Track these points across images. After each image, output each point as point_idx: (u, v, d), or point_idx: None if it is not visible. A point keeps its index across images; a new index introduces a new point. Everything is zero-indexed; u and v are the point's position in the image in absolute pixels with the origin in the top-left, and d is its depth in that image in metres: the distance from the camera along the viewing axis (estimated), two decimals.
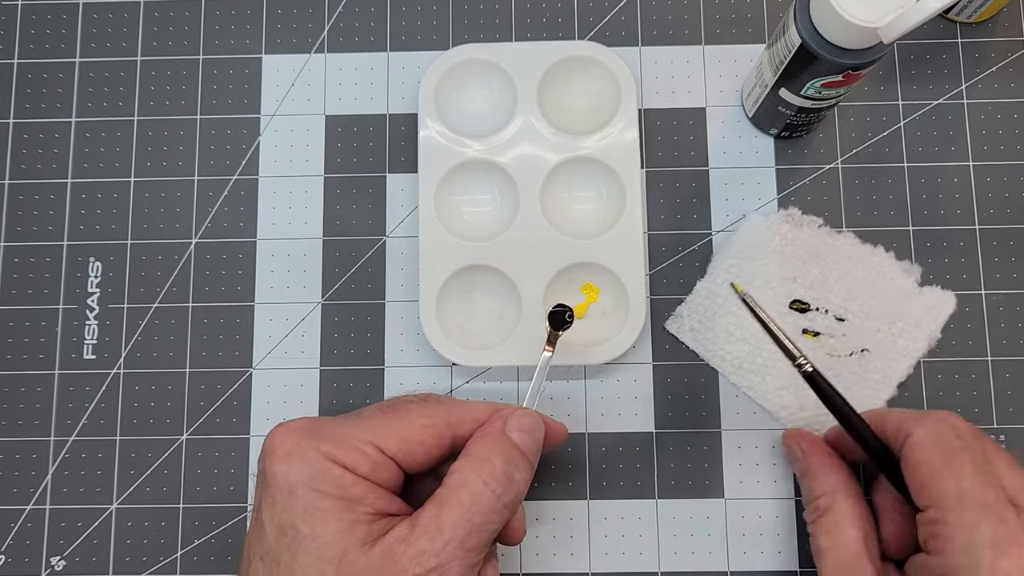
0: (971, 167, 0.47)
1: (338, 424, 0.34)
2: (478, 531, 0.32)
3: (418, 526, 0.32)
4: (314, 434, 0.33)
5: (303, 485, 0.32)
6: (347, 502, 0.32)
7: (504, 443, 0.34)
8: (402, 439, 0.34)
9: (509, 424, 0.35)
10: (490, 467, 0.33)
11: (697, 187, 0.47)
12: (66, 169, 0.48)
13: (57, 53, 0.49)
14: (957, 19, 0.48)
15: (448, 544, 0.31)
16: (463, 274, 0.45)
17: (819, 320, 0.44)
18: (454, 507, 0.32)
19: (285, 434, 0.33)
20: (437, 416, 0.35)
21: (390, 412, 0.35)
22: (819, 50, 0.37)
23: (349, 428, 0.33)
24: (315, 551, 0.31)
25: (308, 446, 0.32)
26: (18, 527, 0.45)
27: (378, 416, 0.34)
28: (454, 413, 0.35)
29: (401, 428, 0.34)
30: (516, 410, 0.36)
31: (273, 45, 0.49)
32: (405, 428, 0.34)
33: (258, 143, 0.48)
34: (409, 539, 0.31)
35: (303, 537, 0.31)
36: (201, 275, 0.47)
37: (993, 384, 0.45)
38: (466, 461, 0.34)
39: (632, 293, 0.44)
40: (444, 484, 0.33)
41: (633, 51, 0.48)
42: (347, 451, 0.32)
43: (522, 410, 0.36)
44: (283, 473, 0.32)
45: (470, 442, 0.35)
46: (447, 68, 0.46)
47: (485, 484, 0.33)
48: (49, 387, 0.46)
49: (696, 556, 0.44)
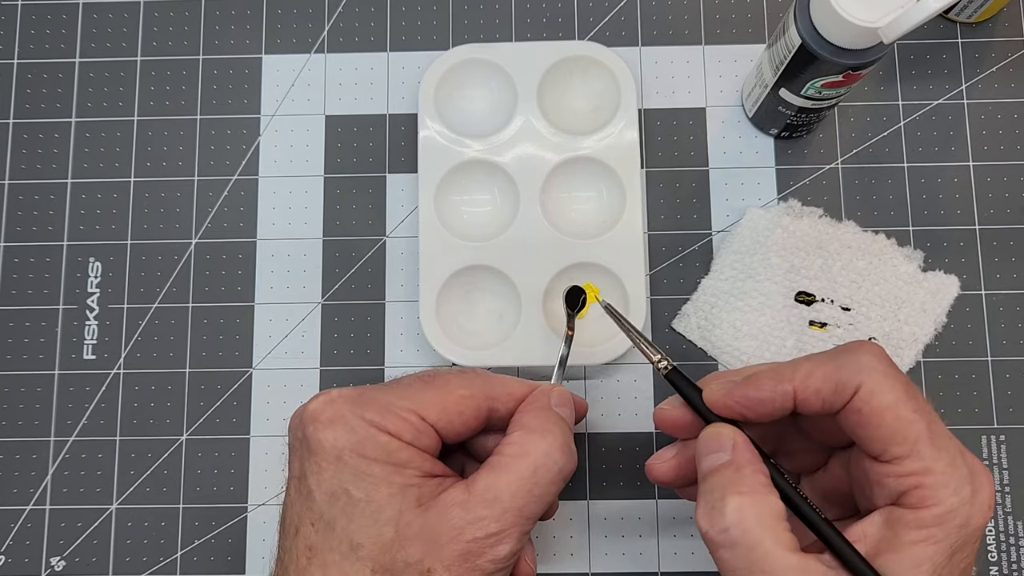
0: (971, 167, 0.47)
1: (379, 392, 0.34)
2: (536, 501, 0.33)
3: (474, 492, 0.32)
4: (356, 401, 0.33)
5: (350, 451, 0.32)
6: (395, 466, 0.32)
7: (558, 417, 0.35)
8: (442, 409, 0.34)
9: (552, 399, 0.36)
10: (552, 438, 0.34)
11: (697, 187, 0.47)
12: (66, 169, 0.48)
13: (57, 53, 0.49)
14: (957, 19, 0.48)
15: (507, 511, 0.32)
16: (463, 274, 0.45)
17: (825, 311, 0.44)
18: (513, 476, 0.32)
19: (327, 401, 0.33)
20: (476, 388, 0.35)
21: (430, 382, 0.35)
22: (819, 50, 0.37)
23: (391, 396, 0.34)
24: (371, 514, 0.31)
25: (351, 413, 0.32)
26: (18, 527, 0.45)
27: (418, 385, 0.35)
28: (492, 387, 0.36)
29: (441, 398, 0.34)
30: (555, 387, 0.37)
31: (273, 45, 0.49)
32: (445, 398, 0.34)
33: (258, 143, 0.48)
34: (467, 504, 0.32)
35: (357, 501, 0.32)
36: (201, 275, 0.47)
37: (993, 384, 0.45)
38: (524, 433, 0.34)
39: (632, 293, 0.44)
40: (501, 453, 0.33)
41: (633, 51, 0.48)
42: (390, 418, 0.33)
43: (558, 387, 0.37)
44: (330, 440, 0.32)
45: (523, 415, 0.35)
46: (447, 68, 0.46)
47: (547, 455, 0.33)
48: (49, 387, 0.46)
49: (696, 556, 0.44)
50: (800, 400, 0.32)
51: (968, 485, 0.30)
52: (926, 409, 0.31)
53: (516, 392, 0.36)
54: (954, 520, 0.30)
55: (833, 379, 0.31)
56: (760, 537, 0.30)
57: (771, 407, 0.32)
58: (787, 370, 0.32)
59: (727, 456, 0.32)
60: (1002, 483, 0.44)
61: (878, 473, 0.31)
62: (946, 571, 0.30)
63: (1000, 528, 0.44)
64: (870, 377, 0.31)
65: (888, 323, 0.44)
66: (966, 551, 0.30)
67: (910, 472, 0.30)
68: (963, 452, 0.31)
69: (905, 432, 0.30)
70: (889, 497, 0.31)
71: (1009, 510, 0.44)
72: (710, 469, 0.32)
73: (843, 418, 0.32)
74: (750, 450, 0.32)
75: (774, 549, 0.30)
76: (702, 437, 0.33)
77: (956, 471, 0.30)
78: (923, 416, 0.31)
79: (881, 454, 0.31)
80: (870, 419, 0.31)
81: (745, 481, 0.31)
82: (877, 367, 0.31)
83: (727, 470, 0.32)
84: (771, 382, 0.32)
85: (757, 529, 0.30)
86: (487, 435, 0.37)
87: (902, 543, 0.30)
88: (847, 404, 0.31)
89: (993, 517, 0.44)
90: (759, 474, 0.31)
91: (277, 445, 0.46)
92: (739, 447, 0.32)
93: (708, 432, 0.33)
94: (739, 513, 0.30)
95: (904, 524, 0.30)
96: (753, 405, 0.32)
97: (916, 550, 0.30)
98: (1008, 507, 0.44)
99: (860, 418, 0.31)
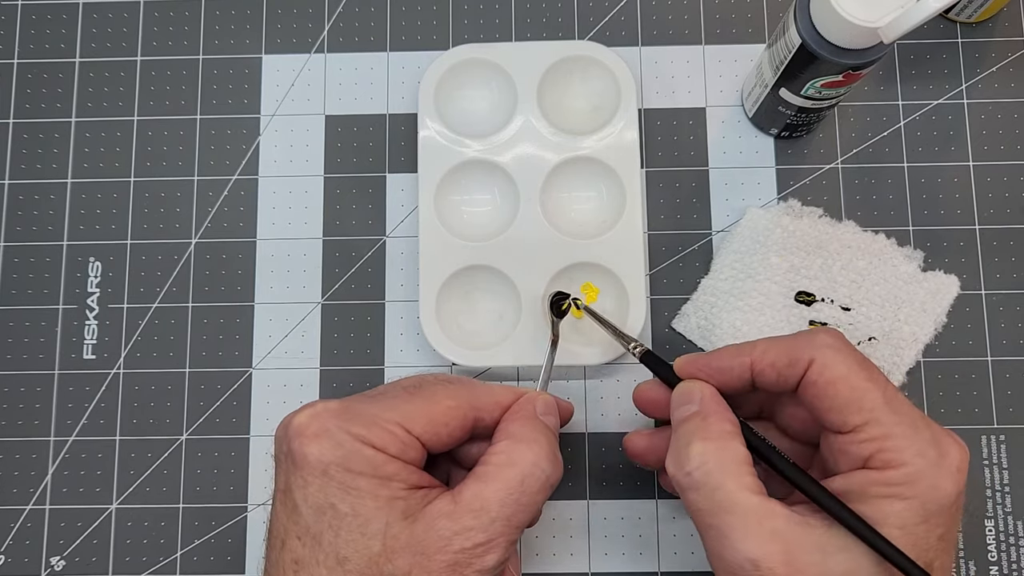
0: (971, 167, 0.47)
1: (364, 405, 0.34)
2: (524, 510, 0.33)
3: (461, 503, 0.32)
4: (341, 415, 0.33)
5: (336, 465, 0.32)
6: (381, 480, 0.32)
7: (544, 426, 0.35)
8: (428, 420, 0.34)
9: (538, 408, 0.36)
10: (539, 448, 0.34)
11: (697, 187, 0.47)
12: (66, 169, 0.48)
13: (57, 53, 0.49)
14: (957, 19, 0.48)
15: (495, 521, 0.32)
16: (463, 274, 0.45)
17: (825, 311, 0.44)
18: (500, 485, 0.33)
19: (312, 415, 0.33)
20: (462, 398, 0.35)
21: (416, 393, 0.35)
22: (819, 50, 0.37)
23: (376, 409, 0.33)
24: (358, 527, 0.31)
25: (336, 428, 0.32)
26: (18, 527, 0.45)
27: (404, 396, 0.35)
28: (478, 396, 0.36)
29: (427, 409, 0.34)
30: (540, 394, 0.37)
31: (273, 45, 0.49)
32: (431, 409, 0.34)
33: (258, 143, 0.48)
34: (454, 515, 0.32)
35: (343, 515, 0.32)
36: (201, 275, 0.47)
37: (993, 384, 0.45)
38: (511, 442, 0.34)
39: (632, 293, 0.44)
40: (487, 462, 0.34)
41: (633, 51, 0.48)
42: (376, 432, 0.33)
43: (543, 394, 0.37)
44: (315, 454, 0.32)
45: (509, 424, 0.35)
46: (447, 68, 0.46)
47: (535, 464, 0.33)
48: (49, 387, 0.46)
49: (696, 556, 0.44)
50: (757, 372, 0.34)
51: (933, 448, 0.31)
52: (880, 379, 0.32)
53: (502, 401, 0.36)
54: (921, 481, 0.30)
55: (787, 354, 0.33)
56: (722, 480, 0.31)
57: (730, 375, 0.35)
58: (747, 345, 0.35)
59: (696, 407, 0.34)
60: (1002, 483, 0.44)
61: (841, 443, 0.32)
62: (920, 531, 0.30)
63: (1000, 528, 0.44)
64: (821, 352, 0.32)
65: (888, 323, 0.44)
66: (942, 517, 0.30)
67: (871, 438, 0.31)
68: (926, 420, 0.32)
69: (860, 401, 0.31)
70: (854, 464, 0.32)
71: (1009, 510, 0.44)
72: (680, 420, 0.34)
73: (801, 394, 0.33)
74: (716, 401, 0.34)
75: (736, 491, 0.31)
76: (675, 392, 0.36)
77: (917, 434, 0.31)
78: (877, 385, 0.32)
79: (842, 426, 0.32)
80: (825, 390, 0.32)
81: (710, 428, 0.33)
82: (830, 343, 0.33)
83: (695, 419, 0.34)
84: (731, 354, 0.35)
85: (719, 472, 0.32)
86: (473, 443, 0.37)
87: (868, 496, 0.31)
88: (802, 379, 0.33)
89: (993, 517, 0.44)
90: (725, 422, 0.33)
91: None
92: (706, 399, 0.34)
93: (680, 387, 0.36)
94: (702, 457, 0.32)
95: (870, 482, 0.31)
96: (714, 373, 0.35)
97: (882, 503, 0.30)
98: (1008, 507, 0.44)
99: (816, 390, 0.32)
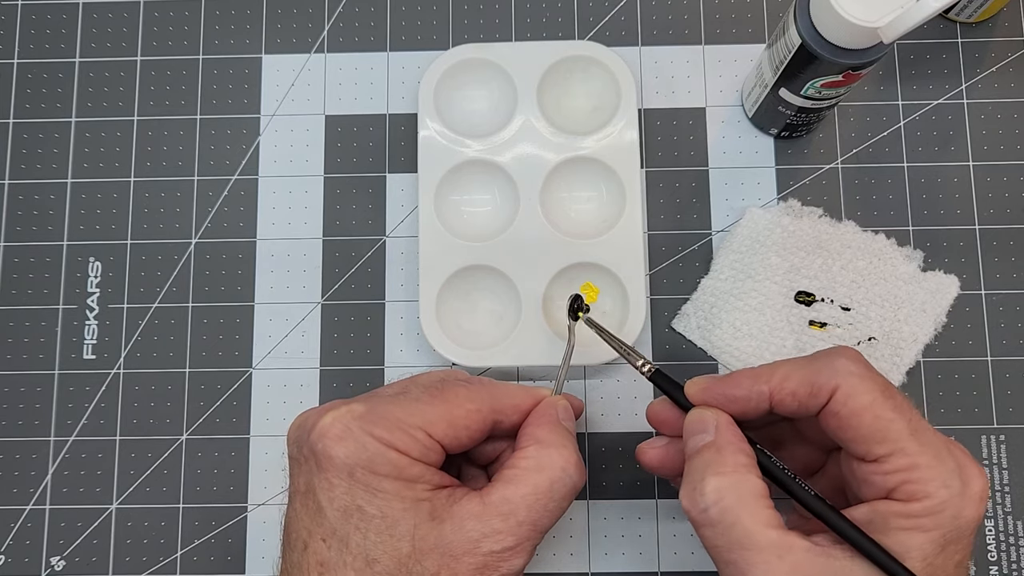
0: (971, 167, 0.47)
1: (387, 407, 0.34)
2: (550, 515, 0.33)
3: (490, 504, 0.32)
4: (365, 417, 0.33)
5: (361, 468, 0.32)
6: (406, 482, 0.32)
7: (568, 432, 0.36)
8: (449, 424, 0.34)
9: (559, 413, 0.36)
10: (567, 453, 0.34)
11: (697, 187, 0.47)
12: (66, 169, 0.48)
13: (57, 53, 0.49)
14: (957, 19, 0.48)
15: (522, 525, 0.32)
16: (463, 274, 0.45)
17: (825, 311, 0.44)
18: (529, 490, 0.33)
19: (336, 418, 0.33)
20: (482, 401, 0.35)
21: (437, 395, 0.35)
22: (819, 50, 0.37)
23: (399, 412, 0.33)
24: (386, 529, 0.32)
25: (360, 430, 0.32)
26: (18, 527, 0.45)
27: (426, 399, 0.35)
28: (498, 399, 0.36)
29: (449, 413, 0.34)
30: (559, 399, 0.37)
31: (273, 45, 0.49)
32: (452, 412, 0.34)
33: (258, 143, 0.48)
34: (482, 516, 0.32)
35: (371, 517, 0.32)
36: (201, 275, 0.47)
37: (993, 384, 0.45)
38: (540, 447, 0.34)
39: (632, 293, 0.44)
40: (514, 466, 0.34)
41: (633, 51, 0.48)
42: (399, 436, 0.33)
43: (563, 400, 0.38)
44: (341, 456, 0.32)
45: (536, 428, 0.35)
46: (447, 68, 0.46)
47: (563, 469, 0.34)
48: (49, 387, 0.46)
49: (696, 556, 0.44)
50: (776, 401, 0.33)
51: (957, 478, 0.30)
52: (905, 407, 0.31)
53: (521, 405, 0.36)
54: (944, 512, 0.30)
55: (809, 382, 0.32)
56: (739, 516, 0.30)
57: (746, 405, 0.33)
58: (765, 372, 0.33)
59: (710, 437, 0.33)
60: (1002, 483, 0.44)
61: (865, 472, 0.32)
62: (939, 561, 0.30)
63: (1000, 528, 0.44)
64: (846, 380, 0.31)
65: (888, 323, 0.44)
66: (960, 544, 0.30)
67: (896, 469, 0.31)
68: (950, 447, 0.31)
69: (885, 431, 0.31)
70: (878, 494, 0.31)
71: (1009, 510, 0.44)
72: (694, 450, 0.33)
73: (823, 421, 0.32)
74: (732, 431, 0.33)
75: (753, 526, 0.30)
76: (687, 419, 0.34)
77: (943, 465, 0.30)
78: (902, 414, 0.31)
79: (865, 455, 0.31)
80: (849, 421, 0.31)
81: (725, 462, 0.32)
82: (853, 370, 0.32)
83: (708, 451, 0.32)
84: (748, 381, 0.33)
85: (736, 508, 0.31)
86: (487, 442, 0.37)
87: (889, 528, 0.30)
88: (825, 407, 0.32)
89: (993, 517, 0.44)
90: (740, 454, 0.32)
91: (277, 445, 0.46)
92: (721, 428, 0.33)
93: (692, 414, 0.34)
94: (717, 493, 0.31)
95: (893, 514, 0.30)
96: (729, 402, 0.33)
97: (903, 536, 0.30)
98: (1008, 507, 0.44)
99: (839, 421, 0.31)
